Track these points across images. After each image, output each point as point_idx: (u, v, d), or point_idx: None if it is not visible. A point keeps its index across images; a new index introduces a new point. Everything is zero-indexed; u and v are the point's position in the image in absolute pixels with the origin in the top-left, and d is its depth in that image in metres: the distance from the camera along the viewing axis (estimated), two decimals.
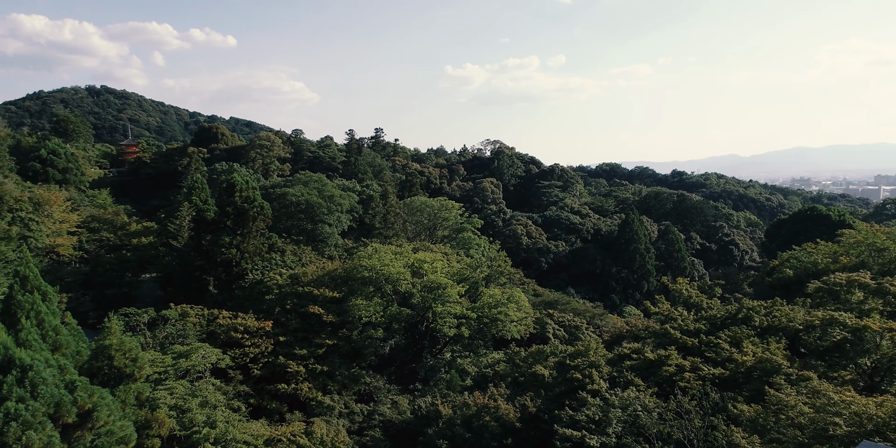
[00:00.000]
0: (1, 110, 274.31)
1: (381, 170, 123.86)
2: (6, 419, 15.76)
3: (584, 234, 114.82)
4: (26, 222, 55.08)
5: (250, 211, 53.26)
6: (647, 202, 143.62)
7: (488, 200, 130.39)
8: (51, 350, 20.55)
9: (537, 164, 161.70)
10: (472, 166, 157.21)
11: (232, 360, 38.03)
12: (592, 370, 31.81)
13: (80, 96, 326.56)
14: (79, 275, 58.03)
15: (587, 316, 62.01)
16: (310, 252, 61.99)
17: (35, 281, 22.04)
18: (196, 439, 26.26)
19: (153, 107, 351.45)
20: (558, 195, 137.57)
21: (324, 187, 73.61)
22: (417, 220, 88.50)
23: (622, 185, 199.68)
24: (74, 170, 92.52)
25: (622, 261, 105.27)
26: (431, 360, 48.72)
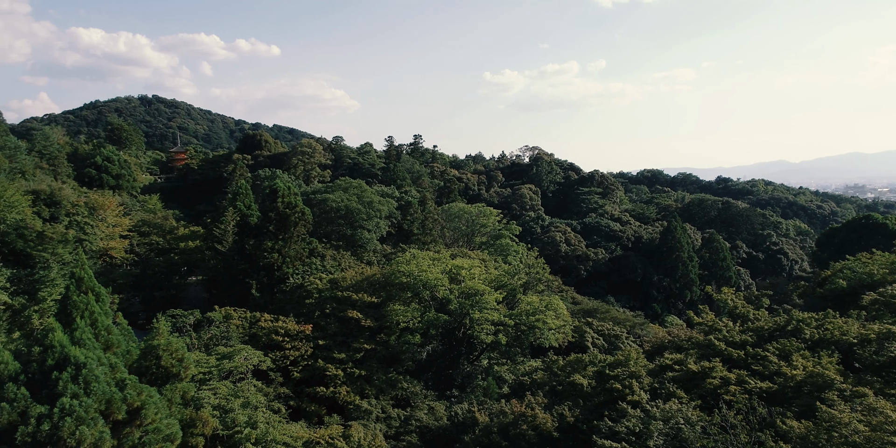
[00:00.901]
0: (60, 119, 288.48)
1: (420, 176, 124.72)
2: (61, 414, 16.47)
3: (625, 242, 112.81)
4: (82, 226, 57.57)
5: (292, 216, 54.40)
6: (691, 209, 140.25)
7: (526, 207, 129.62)
8: (103, 349, 21.40)
9: (576, 170, 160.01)
10: (510, 173, 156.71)
11: (273, 363, 38.83)
12: (633, 381, 31.11)
13: (133, 105, 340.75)
14: (130, 277, 60.28)
15: (627, 325, 60.80)
16: (349, 257, 62.80)
17: (89, 282, 23.01)
18: (238, 439, 26.83)
19: (201, 115, 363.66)
20: (598, 202, 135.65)
21: (363, 193, 74.55)
22: (455, 226, 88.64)
23: (664, 191, 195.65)
24: (127, 176, 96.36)
25: (664, 269, 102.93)
26: (468, 366, 48.58)
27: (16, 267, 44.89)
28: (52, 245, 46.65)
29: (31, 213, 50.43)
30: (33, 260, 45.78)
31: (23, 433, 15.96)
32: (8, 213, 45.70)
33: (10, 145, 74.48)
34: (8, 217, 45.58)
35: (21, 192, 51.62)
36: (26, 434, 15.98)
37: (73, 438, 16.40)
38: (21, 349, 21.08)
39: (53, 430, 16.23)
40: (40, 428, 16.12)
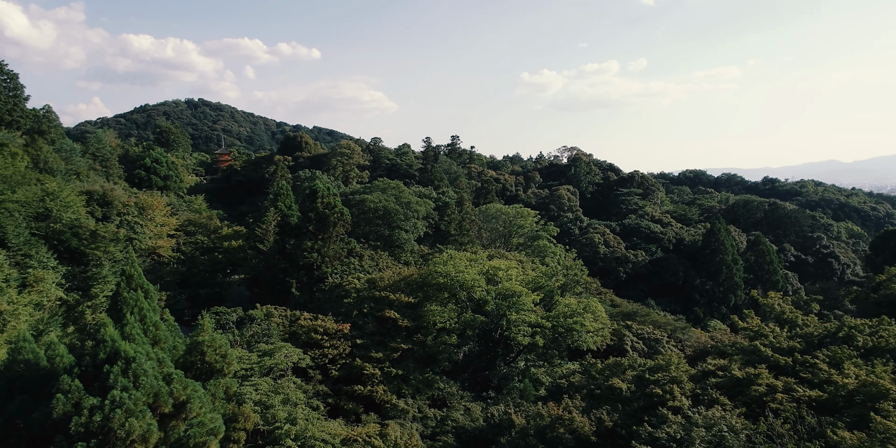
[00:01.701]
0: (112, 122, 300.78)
1: (457, 177, 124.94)
2: (112, 406, 17.13)
3: (666, 244, 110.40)
4: (132, 225, 59.78)
5: (331, 217, 55.23)
6: (735, 211, 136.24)
7: (564, 208, 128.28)
8: (151, 344, 22.17)
9: (616, 171, 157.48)
10: (547, 173, 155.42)
11: (312, 361, 39.46)
12: (673, 386, 30.42)
13: (180, 109, 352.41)
14: (176, 275, 62.25)
15: (668, 329, 59.44)
16: (387, 257, 63.36)
17: (139, 280, 23.87)
18: (278, 435, 27.39)
19: (244, 117, 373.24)
20: (638, 203, 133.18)
21: (401, 194, 75.11)
22: (492, 227, 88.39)
23: (707, 192, 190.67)
24: (174, 177, 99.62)
25: (707, 272, 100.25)
26: (505, 368, 48.35)
27: (71, 264, 46.94)
28: (104, 243, 48.58)
29: (85, 212, 52.63)
30: (87, 258, 47.78)
31: (76, 423, 16.66)
32: (64, 212, 47.78)
33: (66, 148, 77.95)
34: (64, 216, 47.67)
35: (76, 192, 53.94)
36: (80, 424, 16.68)
37: (122, 430, 17.02)
38: (75, 343, 22.06)
39: (104, 422, 16.89)
40: (92, 419, 16.80)
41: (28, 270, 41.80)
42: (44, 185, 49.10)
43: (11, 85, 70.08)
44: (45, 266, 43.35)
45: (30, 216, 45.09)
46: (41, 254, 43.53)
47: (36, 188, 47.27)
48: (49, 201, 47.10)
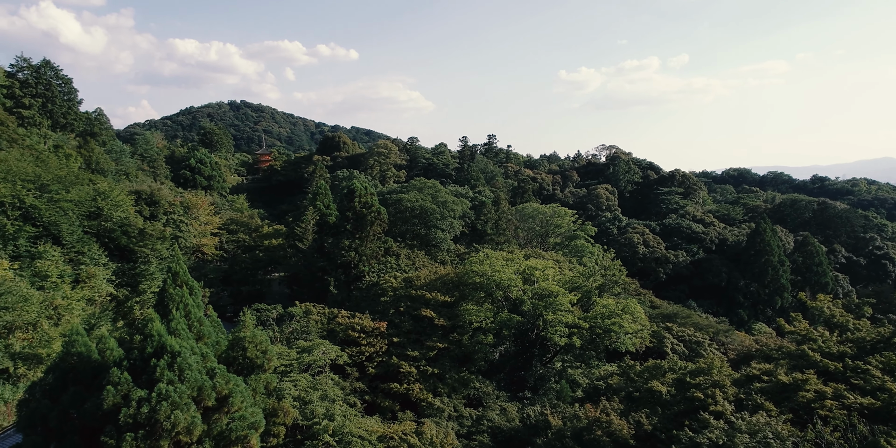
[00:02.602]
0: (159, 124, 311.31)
1: (494, 176, 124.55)
2: (158, 399, 17.71)
3: (708, 244, 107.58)
4: (178, 224, 61.71)
5: (368, 216, 55.82)
6: (782, 210, 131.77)
7: (602, 207, 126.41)
8: (195, 339, 22.83)
9: (656, 169, 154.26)
10: (585, 172, 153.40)
11: (349, 358, 40.01)
12: (716, 390, 29.65)
13: (223, 110, 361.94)
14: (219, 272, 64.00)
15: (710, 331, 57.89)
16: (423, 256, 63.68)
17: (184, 276, 24.61)
18: (316, 430, 27.85)
19: (284, 118, 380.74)
20: (679, 202, 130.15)
21: (437, 193, 75.34)
22: (529, 226, 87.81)
23: (752, 191, 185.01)
24: (217, 177, 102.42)
25: (751, 274, 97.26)
26: (541, 368, 47.98)
27: (120, 261, 48.79)
28: (151, 241, 50.30)
29: (133, 211, 54.62)
30: (135, 255, 49.57)
31: (125, 414, 17.30)
32: (114, 211, 49.66)
33: (117, 149, 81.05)
34: (114, 215, 49.55)
35: (125, 192, 56.01)
36: (128, 415, 17.32)
37: (168, 422, 17.59)
38: (124, 337, 22.87)
39: (151, 414, 17.48)
40: (140, 410, 17.41)
41: (81, 267, 43.65)
42: (96, 184, 51.13)
43: (66, 89, 73.21)
44: (97, 263, 45.19)
45: (83, 215, 47.05)
46: (93, 251, 45.39)
47: (88, 188, 49.28)
48: (101, 200, 49.02)
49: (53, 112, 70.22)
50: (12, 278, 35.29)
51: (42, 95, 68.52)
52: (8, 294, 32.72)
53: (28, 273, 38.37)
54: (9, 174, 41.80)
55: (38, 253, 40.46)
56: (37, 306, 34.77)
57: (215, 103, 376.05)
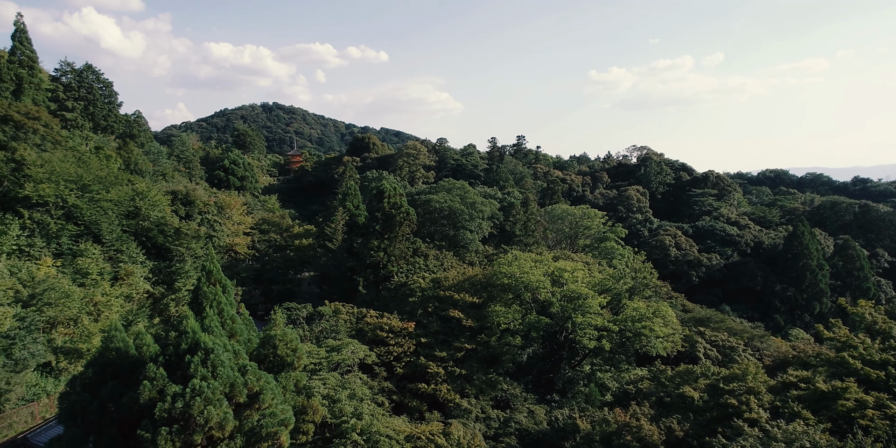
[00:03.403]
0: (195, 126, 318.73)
1: (523, 177, 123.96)
2: (192, 394, 18.13)
3: (743, 247, 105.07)
4: (212, 223, 63.07)
5: (397, 216, 56.14)
6: (821, 213, 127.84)
7: (633, 209, 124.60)
8: (228, 336, 23.30)
9: (688, 170, 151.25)
10: (616, 173, 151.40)
11: (377, 358, 40.30)
12: (750, 397, 28.92)
13: (255, 112, 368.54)
14: (251, 271, 65.17)
15: (744, 336, 56.52)
16: (451, 257, 63.76)
17: (217, 275, 25.14)
18: (345, 429, 28.11)
19: (315, 120, 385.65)
20: (712, 204, 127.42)
21: (466, 194, 75.35)
22: (558, 228, 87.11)
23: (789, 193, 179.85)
24: (250, 178, 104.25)
25: (788, 278, 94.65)
26: (570, 371, 47.55)
27: (157, 259, 50.10)
28: (186, 240, 51.52)
29: (170, 211, 56.01)
30: (171, 253, 50.84)
31: (160, 409, 17.76)
32: (152, 211, 51.02)
33: (154, 150, 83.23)
34: (151, 215, 50.90)
35: (162, 192, 57.49)
36: (163, 410, 17.77)
37: (201, 417, 17.99)
38: (160, 333, 23.51)
39: (185, 408, 17.90)
40: (175, 405, 17.85)
41: (119, 265, 44.98)
42: (134, 185, 52.60)
43: (107, 93, 75.55)
44: (135, 261, 46.50)
45: (122, 214, 48.47)
46: (131, 249, 46.72)
47: (127, 188, 50.73)
48: (139, 200, 50.43)
49: (95, 115, 72.51)
50: (55, 275, 36.57)
51: (84, 98, 70.85)
52: (51, 290, 33.92)
53: (70, 270, 39.71)
54: (53, 174, 43.33)
55: (79, 251, 41.84)
56: (78, 302, 35.96)
57: (248, 105, 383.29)
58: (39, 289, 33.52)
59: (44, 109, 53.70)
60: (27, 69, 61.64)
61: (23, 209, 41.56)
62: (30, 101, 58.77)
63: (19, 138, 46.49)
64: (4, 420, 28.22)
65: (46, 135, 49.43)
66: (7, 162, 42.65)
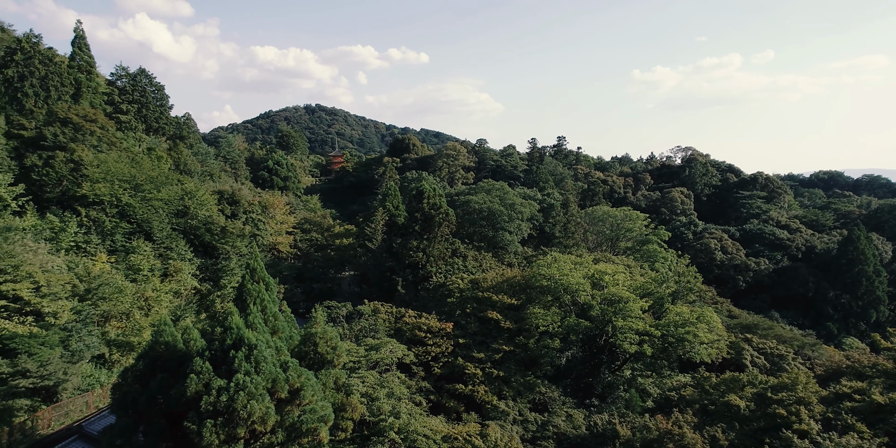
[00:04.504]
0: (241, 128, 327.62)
1: (563, 178, 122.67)
2: (236, 388, 18.61)
3: (793, 252, 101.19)
4: (256, 222, 64.68)
5: (436, 217, 56.36)
6: (879, 216, 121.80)
7: (677, 211, 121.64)
8: (270, 333, 23.83)
9: (735, 172, 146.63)
10: (659, 175, 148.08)
11: (415, 357, 40.55)
12: (800, 407, 27.87)
13: (299, 114, 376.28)
14: (293, 269, 66.53)
15: (794, 345, 54.44)
16: (490, 258, 63.62)
17: (261, 273, 25.76)
18: (382, 427, 28.39)
19: (356, 121, 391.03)
20: (761, 207, 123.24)
21: (505, 195, 75.07)
22: (599, 230, 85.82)
23: (844, 196, 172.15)
24: (293, 178, 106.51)
25: (842, 284, 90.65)
26: (609, 375, 46.76)
27: (203, 257, 51.71)
28: (232, 239, 52.99)
29: (216, 210, 57.72)
30: (217, 251, 52.38)
31: (206, 402, 18.30)
32: (199, 210, 52.69)
33: (203, 151, 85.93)
34: (199, 213, 52.57)
35: (209, 191, 59.30)
36: (209, 403, 18.30)
37: (245, 411, 18.46)
38: (206, 329, 24.22)
39: (230, 402, 18.40)
40: (220, 399, 18.36)
41: (169, 261, 46.61)
42: (183, 185, 54.43)
43: (159, 96, 78.38)
44: (183, 258, 48.10)
45: (171, 213, 50.23)
46: (180, 247, 48.36)
47: (177, 188, 52.53)
48: (187, 199, 52.15)
49: (147, 117, 75.34)
50: (109, 271, 38.17)
51: (137, 101, 73.70)
52: (106, 285, 35.42)
53: (123, 266, 41.38)
54: (108, 174, 45.24)
55: (132, 248, 43.56)
56: (130, 297, 37.44)
57: (292, 107, 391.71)
58: (95, 284, 35.04)
59: (100, 112, 56.15)
60: (85, 74, 64.57)
61: (80, 207, 43.55)
62: (87, 104, 61.51)
63: (78, 140, 48.72)
64: (62, 408, 29.60)
65: (102, 136, 51.66)
66: (66, 162, 44.77)
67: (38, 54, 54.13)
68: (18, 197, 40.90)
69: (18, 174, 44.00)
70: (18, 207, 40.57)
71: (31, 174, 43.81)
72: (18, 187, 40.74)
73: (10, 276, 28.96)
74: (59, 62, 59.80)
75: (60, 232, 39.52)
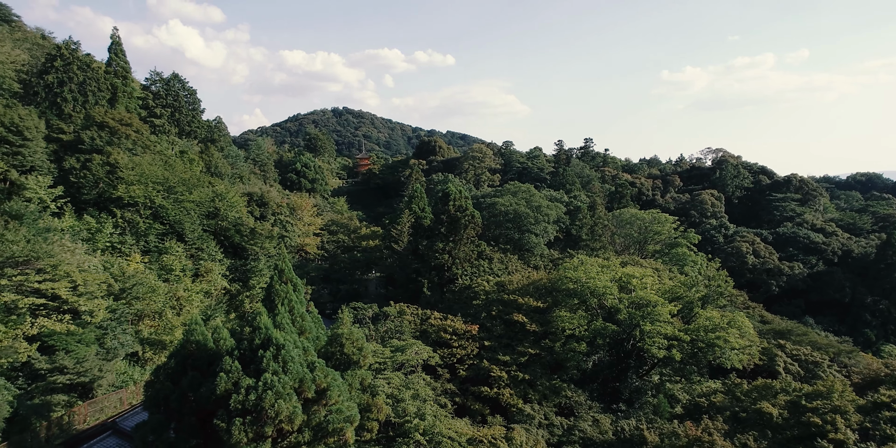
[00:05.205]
0: (270, 131, 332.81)
1: (590, 180, 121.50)
2: (264, 387, 18.89)
3: (829, 256, 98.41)
4: (284, 224, 65.62)
5: (462, 219, 56.37)
6: None
7: (707, 214, 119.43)
8: (298, 333, 24.14)
9: (768, 174, 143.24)
10: (688, 177, 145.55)
11: (440, 359, 40.59)
12: (836, 416, 27.07)
13: (326, 117, 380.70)
14: (320, 271, 67.29)
15: (830, 351, 52.90)
16: (516, 261, 63.37)
17: (289, 274, 26.12)
18: (408, 428, 28.46)
19: (382, 124, 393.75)
20: (795, 210, 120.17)
21: (531, 198, 74.69)
22: (626, 232, 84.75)
23: (883, 198, 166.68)
24: (320, 180, 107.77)
25: (881, 289, 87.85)
26: (637, 380, 46.09)
27: (233, 258, 52.65)
28: (261, 240, 53.84)
29: (246, 211, 58.73)
30: (246, 252, 53.29)
31: (235, 401, 18.61)
32: (230, 211, 53.68)
33: (233, 154, 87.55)
34: (229, 215, 53.56)
35: (239, 193, 60.39)
36: (238, 401, 18.61)
37: (272, 410, 18.71)
38: (236, 328, 24.63)
39: (258, 401, 18.68)
40: (248, 398, 18.65)
41: (200, 262, 47.58)
42: (214, 187, 55.53)
43: (191, 100, 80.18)
44: (214, 258, 49.06)
45: (203, 214, 51.28)
46: (211, 248, 49.33)
47: (208, 190, 53.61)
48: (218, 201, 53.18)
49: (180, 121, 77.11)
50: (143, 271, 39.14)
51: (171, 106, 75.50)
52: (139, 285, 36.32)
53: (156, 267, 42.39)
54: (142, 177, 46.42)
55: (164, 248, 44.60)
56: (162, 297, 38.32)
57: (320, 110, 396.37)
58: (129, 283, 35.97)
59: (135, 116, 57.68)
60: (121, 79, 66.40)
61: (115, 209, 44.78)
62: (123, 108, 63.25)
63: (114, 143, 50.11)
64: (96, 405, 30.41)
65: (137, 140, 53.05)
66: (103, 165, 46.07)
67: (76, 60, 55.86)
68: (57, 199, 42.30)
69: (57, 177, 45.48)
70: (57, 209, 41.95)
71: (69, 177, 45.22)
72: (58, 189, 42.14)
73: (49, 276, 29.94)
74: (97, 68, 61.62)
75: (97, 233, 40.70)
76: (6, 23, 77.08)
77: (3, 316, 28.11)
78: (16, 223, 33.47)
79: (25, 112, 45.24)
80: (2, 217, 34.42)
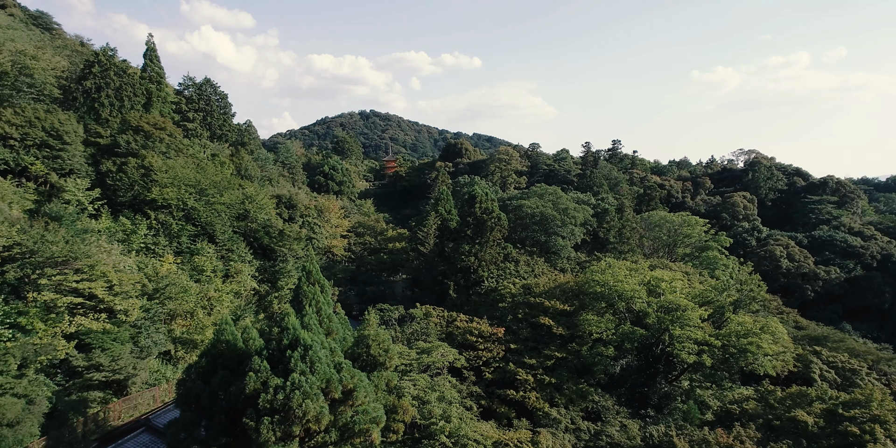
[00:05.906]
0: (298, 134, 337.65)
1: (618, 182, 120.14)
2: (292, 387, 19.14)
3: (868, 260, 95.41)
4: (312, 226, 66.40)
5: (488, 221, 56.27)
6: None
7: (739, 217, 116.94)
8: (325, 334, 24.40)
9: (803, 176, 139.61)
10: (719, 179, 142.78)
11: (466, 362, 40.54)
12: (875, 426, 26.23)
13: (354, 120, 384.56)
14: (347, 272, 67.86)
15: (868, 359, 51.25)
16: (542, 263, 62.98)
17: (316, 275, 26.41)
18: (433, 430, 28.51)
19: (409, 126, 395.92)
20: (831, 212, 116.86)
21: (558, 200, 74.18)
22: (655, 235, 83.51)
23: None
24: (347, 182, 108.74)
25: None
26: (666, 386, 45.30)
27: (262, 259, 53.50)
28: (289, 242, 54.60)
29: (275, 213, 59.63)
30: (275, 254, 54.08)
31: (263, 400, 18.91)
32: (259, 213, 54.57)
33: (262, 157, 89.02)
34: (259, 217, 54.45)
35: (268, 196, 61.34)
36: (266, 401, 18.91)
37: (300, 409, 18.95)
38: (264, 329, 25.03)
39: (286, 401, 18.94)
40: (276, 397, 18.93)
41: (230, 263, 48.46)
42: (244, 189, 56.52)
43: (222, 104, 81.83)
44: (243, 260, 49.92)
45: (233, 216, 52.24)
46: (240, 249, 50.21)
47: (238, 192, 54.60)
48: (248, 203, 54.13)
49: (211, 124, 78.76)
50: (176, 271, 40.05)
51: (203, 110, 77.17)
52: (172, 285, 37.18)
53: (188, 267, 43.33)
54: (175, 180, 47.51)
55: (196, 249, 45.56)
56: (194, 297, 39.16)
57: (347, 113, 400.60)
58: (162, 284, 36.85)
59: (169, 120, 59.10)
60: (156, 84, 68.11)
61: (150, 211, 45.93)
62: (157, 112, 64.87)
63: (148, 146, 51.44)
64: (131, 402, 31.22)
65: (171, 143, 54.34)
66: (138, 168, 47.31)
67: (113, 66, 57.52)
68: (95, 201, 43.58)
69: (94, 179, 46.87)
70: (94, 211, 43.20)
71: (105, 179, 46.56)
72: (95, 192, 43.41)
73: (86, 275, 30.86)
74: (132, 74, 63.35)
75: (132, 234, 41.81)
76: (48, 31, 79.79)
77: (42, 314, 29.07)
78: (55, 224, 34.59)
79: (65, 117, 46.75)
80: (42, 218, 35.61)
